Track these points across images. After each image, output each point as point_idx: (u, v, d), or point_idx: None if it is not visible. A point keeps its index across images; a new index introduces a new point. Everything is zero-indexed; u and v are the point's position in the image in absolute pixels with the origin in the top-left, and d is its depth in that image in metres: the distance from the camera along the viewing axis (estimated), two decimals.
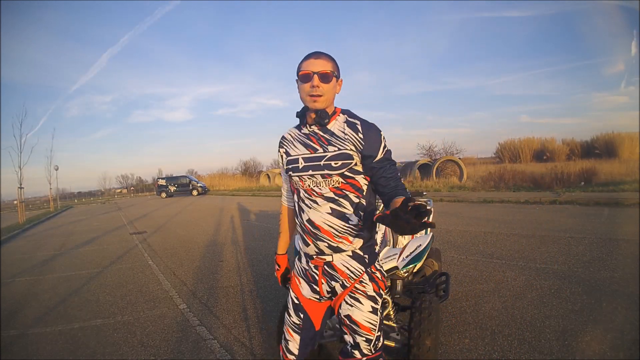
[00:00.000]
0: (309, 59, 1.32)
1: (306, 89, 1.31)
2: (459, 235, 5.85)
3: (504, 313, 2.89)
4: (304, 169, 1.35)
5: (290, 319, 1.49)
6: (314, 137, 1.37)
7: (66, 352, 2.84)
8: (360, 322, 1.36)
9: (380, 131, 1.35)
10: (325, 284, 1.40)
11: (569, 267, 3.88)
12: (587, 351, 2.27)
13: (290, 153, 1.41)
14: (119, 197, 45.41)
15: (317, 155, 1.33)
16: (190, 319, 3.28)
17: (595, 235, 5.16)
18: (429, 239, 2.37)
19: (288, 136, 1.47)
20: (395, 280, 2.32)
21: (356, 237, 1.34)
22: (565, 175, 11.79)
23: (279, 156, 1.50)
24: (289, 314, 1.49)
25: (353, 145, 1.30)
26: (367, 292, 1.37)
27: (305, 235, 1.38)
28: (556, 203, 8.73)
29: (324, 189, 1.32)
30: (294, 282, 1.51)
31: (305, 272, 1.45)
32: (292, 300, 1.49)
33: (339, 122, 1.35)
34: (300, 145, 1.39)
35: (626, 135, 20.11)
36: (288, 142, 1.45)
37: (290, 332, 1.48)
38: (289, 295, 1.52)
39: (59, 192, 36.12)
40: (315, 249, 1.37)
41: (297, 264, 1.52)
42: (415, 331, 1.93)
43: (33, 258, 7.10)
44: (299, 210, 1.39)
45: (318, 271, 1.40)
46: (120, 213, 17.24)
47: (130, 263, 5.85)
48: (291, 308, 1.49)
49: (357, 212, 1.33)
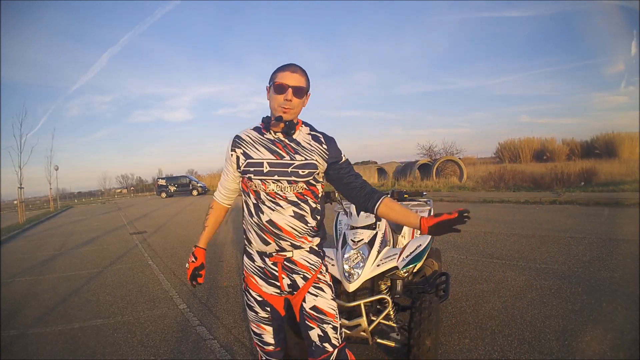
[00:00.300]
0: (285, 70, 1.39)
1: (279, 99, 1.38)
2: (459, 235, 5.84)
3: (504, 313, 2.89)
4: (269, 174, 1.41)
5: (257, 315, 1.54)
6: (279, 143, 1.44)
7: (66, 352, 2.84)
8: (326, 310, 1.48)
9: (335, 141, 1.51)
10: (286, 277, 1.48)
11: (569, 267, 3.88)
12: (587, 351, 2.27)
13: (251, 156, 1.45)
14: (119, 197, 45.41)
15: (284, 162, 1.41)
16: (190, 319, 3.28)
17: (595, 235, 5.16)
18: (429, 239, 2.37)
19: (246, 138, 1.48)
20: (395, 280, 2.31)
21: (314, 236, 1.48)
22: (565, 175, 11.80)
23: (231, 155, 1.49)
24: (255, 310, 1.55)
25: (319, 156, 1.44)
26: (327, 281, 1.52)
27: (266, 235, 1.43)
28: (556, 203, 8.73)
29: (288, 193, 1.41)
30: (250, 281, 1.55)
31: (262, 270, 1.50)
32: (254, 298, 1.55)
33: (303, 133, 1.47)
34: (264, 149, 1.44)
35: (626, 135, 20.13)
36: (247, 144, 1.47)
37: (262, 326, 1.56)
38: (247, 294, 1.56)
39: (59, 192, 36.14)
40: (276, 247, 1.44)
41: (249, 264, 1.54)
42: (415, 331, 1.93)
43: (33, 258, 7.10)
44: (257, 211, 1.44)
45: (277, 267, 1.48)
46: (120, 213, 17.25)
47: (130, 263, 5.85)
48: (255, 305, 1.54)
49: (314, 215, 1.46)
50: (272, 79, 1.41)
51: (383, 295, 2.06)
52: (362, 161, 33.80)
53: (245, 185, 1.49)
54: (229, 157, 1.51)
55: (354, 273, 2.07)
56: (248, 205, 1.48)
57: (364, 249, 2.16)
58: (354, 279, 2.06)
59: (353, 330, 2.01)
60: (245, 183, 1.48)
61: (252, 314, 1.56)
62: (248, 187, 1.47)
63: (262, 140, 1.46)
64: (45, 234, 11.49)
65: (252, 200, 1.46)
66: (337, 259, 2.20)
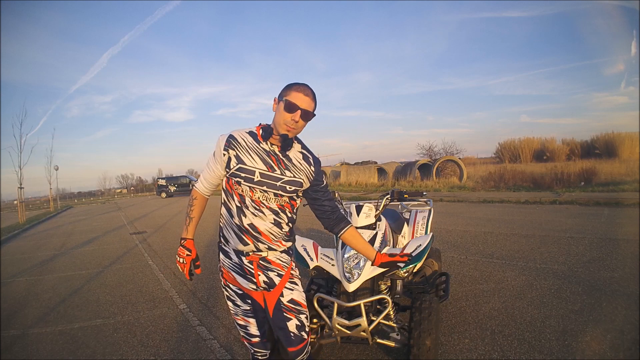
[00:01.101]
0: (299, 91, 1.44)
1: (286, 117, 1.43)
2: (459, 235, 5.84)
3: (504, 313, 2.89)
4: (258, 183, 1.48)
5: (240, 308, 1.63)
6: (274, 157, 1.51)
7: (66, 352, 2.84)
8: (301, 302, 1.62)
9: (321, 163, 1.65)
10: (262, 274, 1.57)
11: (569, 267, 3.88)
12: (587, 351, 2.27)
13: (244, 161, 1.48)
14: (119, 197, 45.39)
15: (275, 176, 1.49)
16: (190, 319, 3.28)
17: (595, 235, 5.16)
18: (429, 239, 2.37)
19: (241, 141, 1.50)
20: (395, 280, 2.31)
21: (287, 240, 1.61)
22: (565, 175, 11.79)
23: (223, 155, 1.50)
24: (237, 304, 1.63)
25: (306, 176, 1.55)
26: (298, 275, 1.67)
27: (245, 236, 1.52)
28: (556, 203, 8.73)
29: (272, 204, 1.51)
30: (229, 276, 1.62)
31: (240, 267, 1.58)
32: (235, 291, 1.63)
33: (295, 150, 1.56)
34: (258, 158, 1.49)
35: (626, 135, 20.11)
36: (242, 148, 1.49)
37: (245, 319, 1.64)
38: (228, 289, 1.64)
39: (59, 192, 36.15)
40: (253, 247, 1.53)
41: (226, 260, 1.61)
42: (415, 331, 1.93)
43: (33, 258, 7.10)
44: (239, 213, 1.50)
45: (253, 265, 1.56)
46: (120, 213, 17.24)
47: (130, 263, 5.85)
48: (237, 299, 1.63)
49: (289, 223, 1.58)
50: (283, 94, 1.45)
51: (383, 295, 2.06)
52: (362, 161, 33.77)
53: (229, 187, 1.53)
54: (220, 155, 1.51)
55: (354, 273, 2.07)
56: (229, 206, 1.53)
57: None
58: (354, 279, 2.06)
59: (353, 330, 2.01)
60: (231, 185, 1.52)
61: (234, 308, 1.64)
62: (233, 189, 1.51)
63: (257, 148, 1.50)
64: (45, 234, 11.48)
65: (235, 203, 1.51)
66: (337, 259, 2.20)
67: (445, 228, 6.49)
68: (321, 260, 2.25)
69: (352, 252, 2.15)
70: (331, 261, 2.22)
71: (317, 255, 2.29)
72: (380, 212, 2.46)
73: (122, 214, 16.75)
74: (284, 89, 1.48)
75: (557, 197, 9.26)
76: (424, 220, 3.08)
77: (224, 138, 1.51)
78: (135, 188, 56.46)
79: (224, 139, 1.51)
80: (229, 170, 1.50)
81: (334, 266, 2.19)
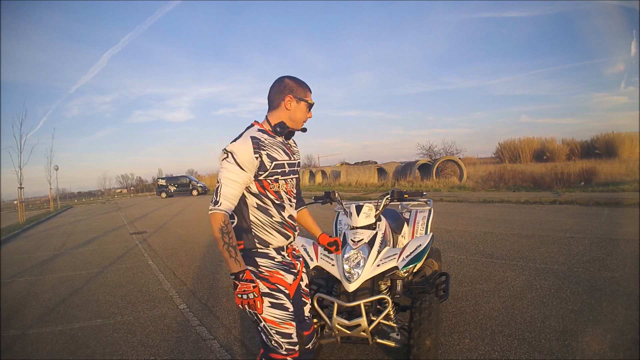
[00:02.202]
0: (310, 92, 1.63)
1: (306, 114, 1.62)
2: (459, 235, 5.85)
3: (504, 313, 2.89)
4: (289, 173, 1.59)
5: (288, 311, 1.51)
6: (286, 146, 1.63)
7: (66, 352, 2.84)
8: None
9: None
10: (297, 263, 1.66)
11: (569, 267, 3.88)
12: (587, 351, 2.27)
13: (275, 157, 1.54)
14: (119, 197, 45.40)
15: (292, 162, 1.63)
16: (190, 319, 3.28)
17: (595, 235, 5.16)
18: (429, 239, 2.36)
19: (264, 140, 1.52)
20: (395, 280, 2.31)
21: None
22: (565, 175, 11.79)
23: (256, 158, 1.45)
24: (286, 307, 1.51)
25: (299, 155, 1.72)
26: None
27: (287, 230, 1.58)
28: (556, 203, 8.73)
29: (294, 189, 1.66)
30: (278, 278, 1.53)
31: (281, 264, 1.57)
32: (285, 294, 1.53)
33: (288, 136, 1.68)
34: (282, 152, 1.58)
35: (626, 135, 20.11)
36: (268, 146, 1.53)
37: (291, 324, 1.52)
38: (278, 294, 1.50)
39: (59, 192, 36.15)
40: (292, 239, 1.62)
41: (268, 263, 1.53)
42: (415, 331, 1.93)
43: (33, 258, 7.10)
44: (278, 209, 1.56)
45: (290, 256, 1.62)
46: (120, 213, 17.24)
47: (130, 263, 5.85)
48: (287, 302, 1.53)
49: None
50: (300, 93, 1.58)
51: (383, 295, 2.06)
52: (362, 161, 33.78)
53: (262, 188, 1.51)
54: (251, 161, 1.45)
55: (354, 273, 2.07)
56: (265, 206, 1.53)
57: (364, 249, 2.16)
58: (354, 279, 2.06)
59: (353, 330, 2.01)
60: (267, 185, 1.51)
61: (282, 314, 1.49)
62: (267, 189, 1.52)
63: (276, 143, 1.57)
64: (45, 234, 11.48)
65: (272, 200, 1.54)
66: (337, 259, 2.20)
67: (445, 228, 6.49)
68: (321, 260, 2.25)
69: (352, 252, 2.15)
70: (331, 261, 2.22)
71: (317, 255, 2.29)
72: (380, 212, 2.46)
73: (122, 214, 16.75)
74: (295, 88, 1.58)
75: (557, 197, 9.26)
76: (424, 220, 3.08)
77: (247, 144, 1.45)
78: (135, 188, 56.46)
79: (248, 144, 1.44)
80: (265, 171, 1.49)
81: (334, 266, 2.19)
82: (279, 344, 1.48)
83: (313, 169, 27.09)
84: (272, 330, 1.48)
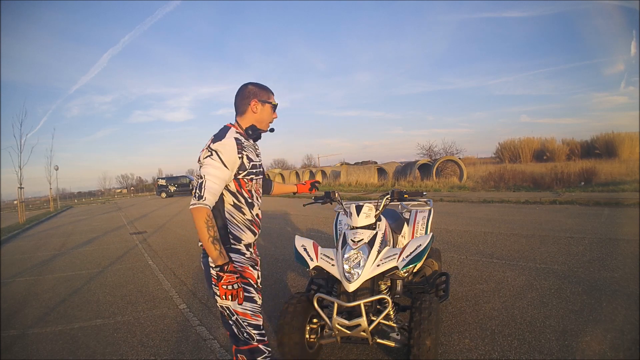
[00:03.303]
0: (272, 93, 1.75)
1: (271, 115, 1.75)
2: (459, 235, 5.84)
3: (504, 313, 2.89)
4: (259, 174, 1.72)
5: (256, 305, 1.64)
6: (256, 147, 1.76)
7: (66, 352, 2.84)
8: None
9: None
10: (259, 260, 1.78)
11: (569, 267, 3.88)
12: (587, 351, 2.27)
13: (252, 159, 1.66)
14: (119, 197, 45.39)
15: (261, 163, 1.76)
16: (190, 319, 3.28)
17: (595, 235, 5.16)
18: (429, 239, 2.36)
19: (243, 142, 1.64)
20: (395, 280, 2.31)
21: None
22: (565, 175, 11.78)
23: (239, 158, 1.59)
24: (255, 300, 1.64)
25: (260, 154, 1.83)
26: None
27: (254, 227, 1.70)
28: (556, 203, 8.73)
29: (260, 188, 1.78)
30: (248, 273, 1.65)
31: (250, 259, 1.68)
32: (253, 287, 1.66)
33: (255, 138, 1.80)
34: (254, 154, 1.71)
35: (626, 135, 20.10)
36: (246, 148, 1.64)
37: (259, 315, 1.65)
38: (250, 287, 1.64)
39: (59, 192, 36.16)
40: (257, 236, 1.74)
41: (240, 258, 1.64)
42: (415, 331, 1.93)
43: (33, 258, 7.10)
44: (250, 207, 1.67)
45: (254, 253, 1.74)
46: (120, 213, 17.24)
47: (130, 263, 5.85)
48: (256, 294, 1.66)
49: None
50: (263, 96, 1.70)
51: (383, 295, 2.06)
52: (362, 161, 33.80)
53: (239, 186, 1.62)
54: (235, 160, 1.57)
55: (354, 273, 2.07)
56: (239, 204, 1.63)
57: (364, 249, 2.16)
58: (354, 279, 2.06)
59: (353, 330, 2.01)
60: (243, 184, 1.62)
61: (253, 307, 1.62)
62: (243, 187, 1.63)
63: (251, 145, 1.70)
64: (45, 234, 11.48)
65: (245, 199, 1.65)
66: (337, 259, 2.20)
67: (445, 228, 6.49)
68: (321, 260, 2.25)
69: (352, 252, 2.15)
70: (331, 261, 2.21)
71: (317, 255, 2.29)
72: (380, 212, 2.46)
73: (122, 214, 16.74)
74: (259, 92, 1.69)
75: (557, 197, 9.25)
76: (424, 220, 3.08)
77: (232, 144, 1.56)
78: (135, 188, 56.46)
79: (233, 144, 1.56)
80: (244, 171, 1.60)
81: (334, 266, 2.18)
82: (251, 336, 1.60)
83: (313, 169, 27.08)
84: (244, 323, 1.59)
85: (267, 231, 7.71)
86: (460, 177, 15.68)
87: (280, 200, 15.62)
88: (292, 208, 11.74)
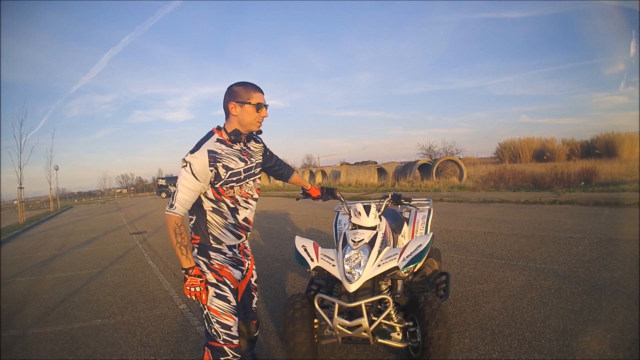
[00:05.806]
0: (258, 92, 1.68)
1: (256, 116, 1.67)
2: (459, 235, 5.85)
3: (504, 313, 2.89)
4: (244, 179, 1.70)
5: (230, 304, 1.68)
6: (244, 152, 1.73)
7: (66, 352, 2.84)
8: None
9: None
10: (246, 260, 1.83)
11: (569, 267, 3.88)
12: (587, 351, 2.27)
13: (231, 167, 1.65)
14: (119, 197, 45.40)
15: (250, 167, 1.73)
16: (190, 319, 3.28)
17: (595, 235, 5.16)
18: (429, 239, 2.36)
19: (220, 152, 1.63)
20: (395, 280, 2.31)
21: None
22: (565, 175, 11.78)
23: (211, 171, 1.59)
24: (229, 300, 1.67)
25: (261, 154, 1.85)
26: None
27: (240, 231, 1.74)
28: (556, 203, 8.73)
29: (253, 191, 1.78)
30: (225, 272, 1.70)
31: (231, 259, 1.74)
32: (229, 287, 1.70)
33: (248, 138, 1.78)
34: (238, 159, 1.69)
35: (626, 135, 20.10)
36: (224, 157, 1.64)
37: (233, 317, 1.68)
38: (223, 285, 1.68)
39: (59, 192, 36.17)
40: (244, 239, 1.78)
41: (218, 257, 1.70)
42: (431, 322, 1.93)
43: (33, 258, 7.10)
44: (233, 212, 1.69)
45: (240, 253, 1.79)
46: (120, 213, 17.24)
47: (130, 263, 5.85)
48: (230, 294, 1.69)
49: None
50: (244, 97, 1.64)
51: (384, 296, 2.06)
52: (362, 161, 33.80)
53: (218, 194, 1.65)
54: (205, 173, 1.58)
55: (354, 273, 2.07)
56: (220, 209, 1.67)
57: (364, 249, 2.16)
58: (355, 279, 2.05)
59: (354, 331, 2.00)
60: (222, 192, 1.65)
61: (225, 305, 1.65)
62: (223, 194, 1.66)
63: (233, 151, 1.68)
64: (45, 234, 11.48)
65: (228, 205, 1.68)
66: (338, 259, 2.20)
67: (445, 228, 6.49)
68: (321, 261, 2.24)
69: (352, 252, 2.15)
70: (332, 261, 2.21)
71: (317, 256, 2.28)
72: (382, 213, 2.47)
73: (122, 214, 16.74)
74: (237, 93, 1.64)
75: (557, 197, 9.26)
76: (424, 220, 3.08)
77: (204, 157, 1.58)
78: (135, 188, 56.47)
79: (204, 158, 1.58)
80: (220, 180, 1.62)
81: (334, 266, 2.18)
82: (218, 333, 1.65)
83: (313, 169, 27.08)
84: (213, 319, 1.65)
85: (267, 231, 7.70)
86: (460, 177, 15.68)
87: (280, 200, 15.62)
88: (292, 208, 11.74)
